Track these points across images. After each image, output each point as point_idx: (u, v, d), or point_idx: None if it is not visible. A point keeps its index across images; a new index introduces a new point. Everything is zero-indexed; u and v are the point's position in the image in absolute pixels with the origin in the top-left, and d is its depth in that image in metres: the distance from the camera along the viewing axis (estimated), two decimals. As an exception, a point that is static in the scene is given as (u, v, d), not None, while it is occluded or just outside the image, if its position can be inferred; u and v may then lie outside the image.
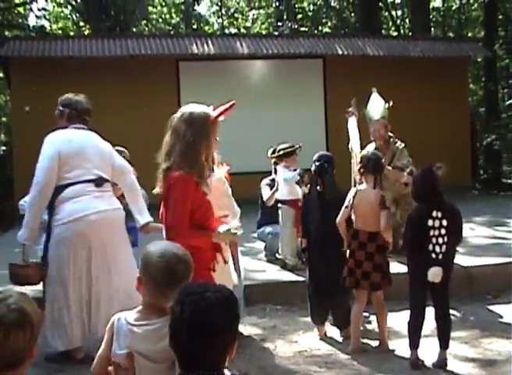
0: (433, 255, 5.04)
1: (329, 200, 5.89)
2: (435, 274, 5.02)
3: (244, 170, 13.17)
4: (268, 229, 8.44)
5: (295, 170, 7.81)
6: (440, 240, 5.05)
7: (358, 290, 5.67)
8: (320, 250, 5.98)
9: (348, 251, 5.64)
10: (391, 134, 8.03)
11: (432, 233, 5.05)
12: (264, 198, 8.25)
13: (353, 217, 5.64)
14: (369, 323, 6.37)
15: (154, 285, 2.60)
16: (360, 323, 5.73)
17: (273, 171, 8.42)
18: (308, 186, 6.27)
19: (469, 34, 26.55)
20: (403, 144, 7.96)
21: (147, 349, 2.55)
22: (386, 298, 5.79)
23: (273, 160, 8.31)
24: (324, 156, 6.13)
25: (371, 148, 7.63)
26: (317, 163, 6.00)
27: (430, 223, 5.05)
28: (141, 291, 2.65)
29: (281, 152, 8.09)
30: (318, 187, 5.97)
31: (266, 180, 8.56)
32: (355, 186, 6.05)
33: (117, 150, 8.25)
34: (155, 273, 2.59)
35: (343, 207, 5.61)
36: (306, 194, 6.23)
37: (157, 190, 4.29)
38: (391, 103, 7.83)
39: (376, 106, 7.81)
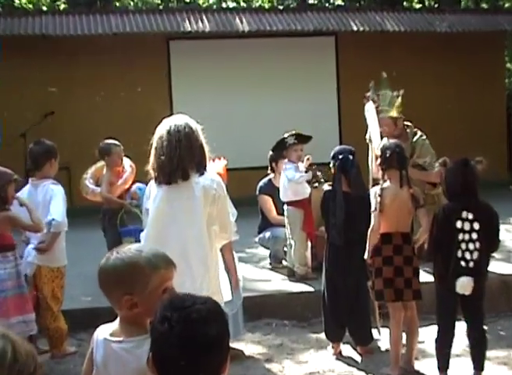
0: (463, 263, 5.03)
1: (355, 200, 5.85)
2: (464, 285, 5.00)
3: (245, 165, 13.16)
4: (268, 233, 8.48)
5: (307, 165, 7.80)
6: (471, 245, 5.03)
7: (394, 305, 5.59)
8: (342, 259, 5.96)
9: (378, 259, 5.56)
10: (408, 124, 7.88)
11: (461, 237, 5.04)
12: (268, 214, 8.43)
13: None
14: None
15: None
16: (401, 347, 5.64)
17: (269, 169, 8.48)
18: (326, 183, 6.18)
19: (506, 5, 26.45)
20: (424, 137, 7.83)
21: (116, 370, 2.60)
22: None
23: (269, 157, 8.37)
24: (346, 149, 6.10)
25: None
26: (340, 156, 5.97)
27: (459, 225, 5.04)
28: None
29: (272, 148, 8.18)
30: (343, 187, 5.94)
31: (261, 185, 8.58)
32: (374, 184, 6.01)
33: (111, 143, 8.28)
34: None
35: (373, 210, 5.55)
36: (327, 191, 6.17)
37: None
38: (401, 92, 7.61)
39: (382, 101, 7.63)
